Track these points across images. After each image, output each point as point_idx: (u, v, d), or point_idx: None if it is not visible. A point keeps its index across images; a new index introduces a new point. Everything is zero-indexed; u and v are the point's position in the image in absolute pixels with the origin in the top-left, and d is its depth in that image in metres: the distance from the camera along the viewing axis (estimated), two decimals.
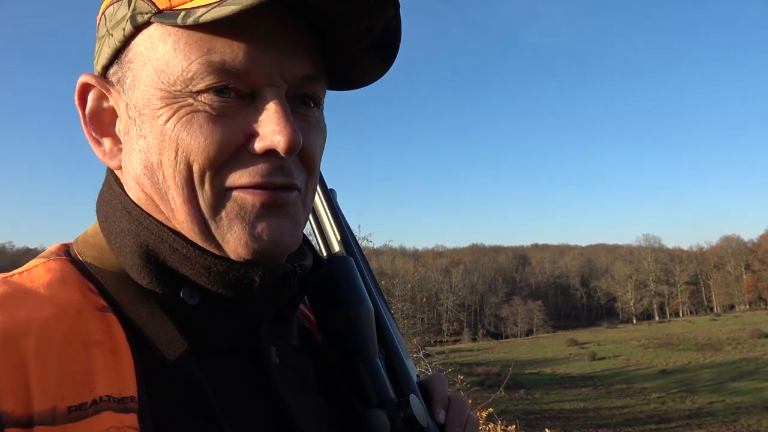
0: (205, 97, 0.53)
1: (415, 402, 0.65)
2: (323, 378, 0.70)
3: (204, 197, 0.55)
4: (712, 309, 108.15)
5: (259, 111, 0.55)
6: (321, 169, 0.76)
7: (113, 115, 0.60)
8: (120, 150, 0.59)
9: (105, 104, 0.60)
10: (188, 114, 0.53)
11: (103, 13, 0.60)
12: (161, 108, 0.54)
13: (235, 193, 0.55)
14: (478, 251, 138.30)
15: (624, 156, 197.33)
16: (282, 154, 0.55)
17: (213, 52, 0.53)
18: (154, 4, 0.54)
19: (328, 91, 0.65)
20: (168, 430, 0.50)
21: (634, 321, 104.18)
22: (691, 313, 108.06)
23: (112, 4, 0.58)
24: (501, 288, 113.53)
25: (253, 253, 0.56)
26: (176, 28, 0.53)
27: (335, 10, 0.56)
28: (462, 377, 11.38)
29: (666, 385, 38.41)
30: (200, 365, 0.55)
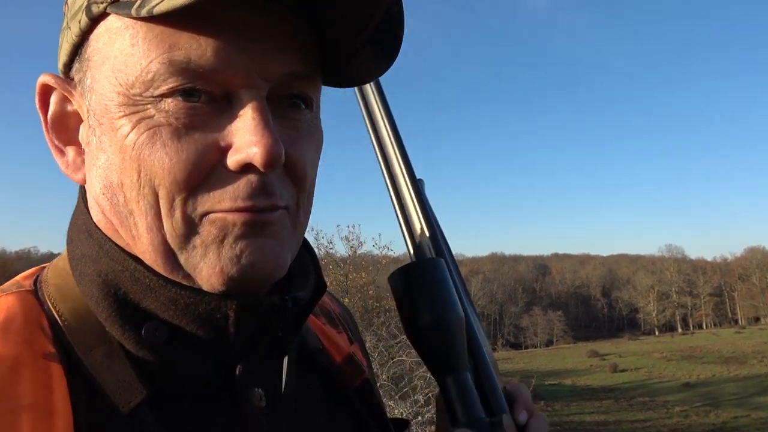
0: (169, 103, 0.45)
1: (508, 423, 0.62)
2: (339, 408, 0.64)
3: (173, 225, 0.47)
4: (736, 321, 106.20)
5: (234, 118, 0.47)
6: (410, 157, 0.74)
7: (79, 120, 0.52)
8: (83, 162, 0.52)
9: (69, 108, 0.52)
10: (150, 128, 0.46)
11: (66, 1, 0.52)
12: (120, 117, 0.47)
13: (212, 216, 0.47)
14: (497, 260, 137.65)
15: (646, 165, 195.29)
16: (260, 168, 0.46)
17: (176, 48, 0.45)
18: None
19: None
20: None
21: (657, 333, 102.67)
22: (714, 325, 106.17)
23: None
24: (521, 298, 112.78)
25: (228, 281, 0.48)
26: (134, 20, 0.46)
27: None
28: None
29: (689, 399, 37.82)
30: (162, 414, 0.48)
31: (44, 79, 0.52)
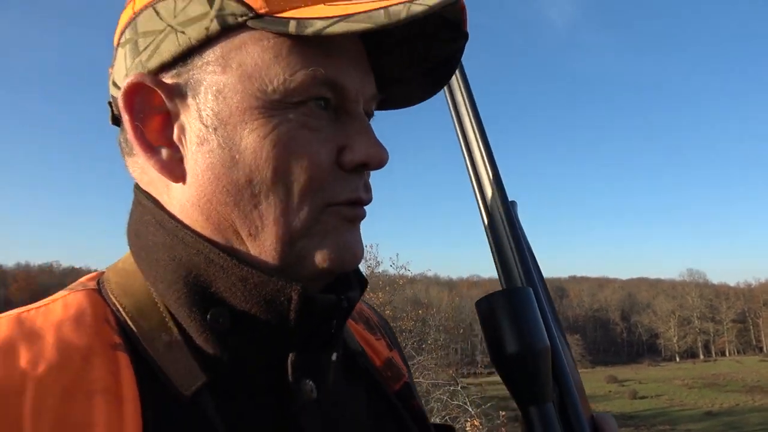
0: (305, 109, 0.52)
1: None
2: (381, 411, 0.66)
3: (300, 217, 0.52)
4: (761, 349, 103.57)
5: (345, 126, 0.54)
6: (502, 178, 0.76)
7: (166, 121, 0.54)
8: (180, 160, 0.54)
9: (159, 109, 0.54)
10: (289, 129, 0.51)
11: (152, 6, 0.54)
12: (256, 119, 0.51)
13: (331, 209, 0.54)
14: None
15: (667, 187, 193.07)
16: (376, 168, 0.55)
17: (317, 64, 0.51)
18: (249, 6, 0.51)
19: None
20: None
21: (678, 359, 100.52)
22: (738, 352, 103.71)
23: None
24: None
25: (336, 264, 0.54)
26: (276, 36, 0.51)
27: (414, 37, 0.58)
28: (504, 413, 11.14)
29: (712, 428, 36.86)
30: (220, 400, 0.52)
31: (138, 79, 0.53)
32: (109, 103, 0.60)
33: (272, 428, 0.54)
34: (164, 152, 0.54)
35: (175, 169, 0.54)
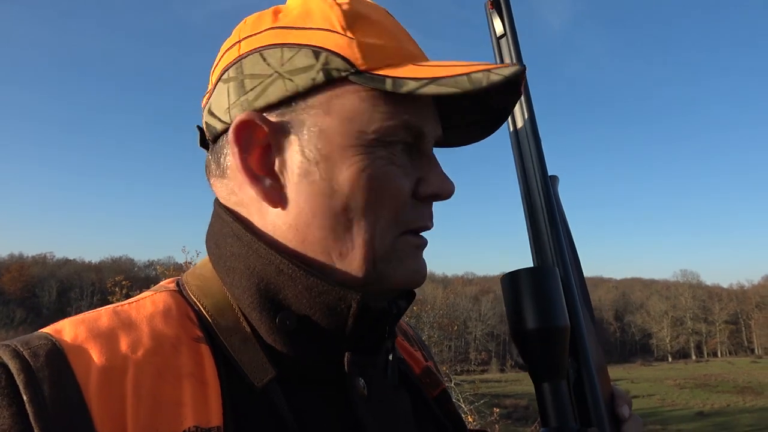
0: (392, 149, 0.59)
1: None
2: (421, 413, 0.71)
3: (383, 242, 0.59)
4: (752, 350, 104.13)
5: (420, 162, 0.62)
6: (544, 152, 0.78)
7: (265, 153, 0.60)
8: (280, 188, 0.60)
9: (261, 142, 0.60)
10: (382, 165, 0.58)
11: (259, 52, 0.61)
12: (354, 155, 0.58)
13: (406, 237, 0.61)
14: None
15: (663, 188, 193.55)
16: (446, 198, 0.63)
17: (406, 114, 0.59)
18: (351, 63, 0.57)
19: None
20: None
21: (670, 359, 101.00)
22: (730, 353, 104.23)
23: (276, 47, 0.60)
24: None
25: (409, 285, 0.62)
26: (372, 89, 0.58)
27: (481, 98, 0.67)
28: (497, 410, 11.10)
29: (703, 429, 37.01)
30: (286, 393, 0.58)
31: (250, 116, 0.59)
32: (199, 128, 0.67)
33: (333, 418, 0.60)
34: (267, 181, 0.60)
35: (275, 197, 0.60)
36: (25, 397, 0.47)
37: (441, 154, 0.66)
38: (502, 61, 0.81)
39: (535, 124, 0.79)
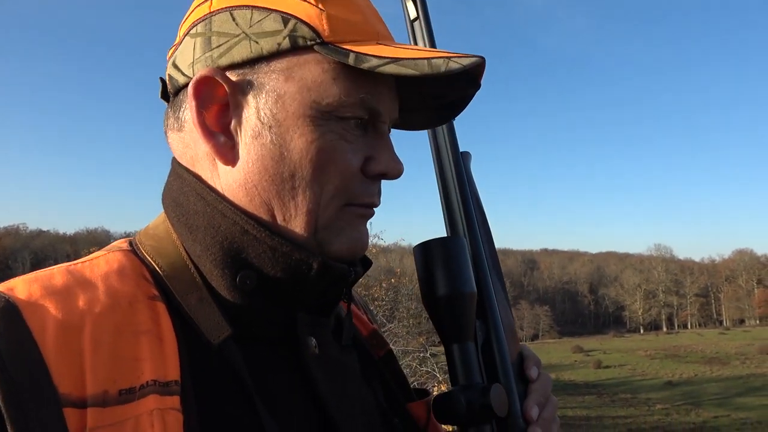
0: (348, 124, 0.60)
1: (497, 391, 0.67)
2: (368, 373, 0.73)
3: (327, 212, 0.61)
4: (721, 322, 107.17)
5: (372, 140, 0.63)
6: (456, 130, 0.81)
7: (222, 111, 0.61)
8: (232, 147, 0.61)
9: (220, 100, 0.61)
10: (333, 139, 0.59)
11: (229, 10, 0.61)
12: (307, 126, 0.59)
13: (351, 208, 0.63)
14: None
15: (638, 164, 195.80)
16: (393, 178, 0.65)
17: (364, 91, 0.60)
18: (318, 33, 0.58)
19: None
20: (208, 410, 0.54)
21: (642, 331, 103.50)
22: (699, 325, 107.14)
23: (247, 8, 0.61)
24: (508, 291, 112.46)
25: (348, 253, 0.64)
26: (335, 61, 0.59)
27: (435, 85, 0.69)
28: None
29: (671, 397, 38.15)
30: (242, 350, 0.59)
31: (211, 73, 0.60)
32: (162, 80, 0.67)
33: (285, 376, 0.62)
34: (221, 138, 0.61)
35: (227, 154, 0.61)
36: None
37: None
38: (415, 43, 0.82)
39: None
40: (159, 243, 0.63)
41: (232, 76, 0.60)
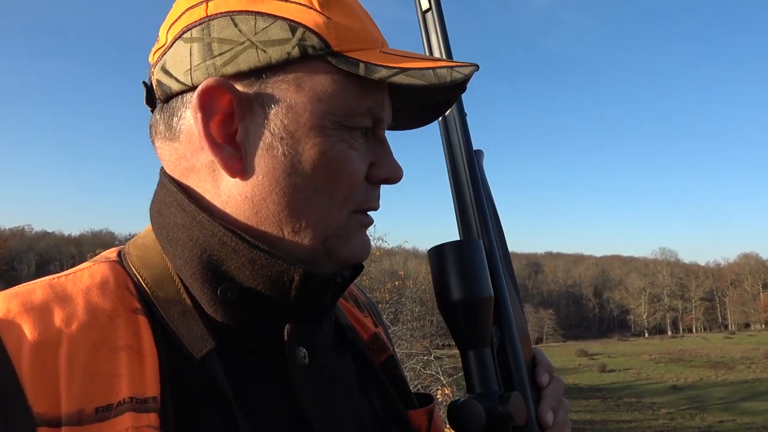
0: (352, 133, 0.60)
1: (517, 399, 0.66)
2: (365, 381, 0.72)
3: (336, 220, 0.61)
4: (726, 327, 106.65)
5: (374, 146, 0.64)
6: (469, 127, 0.80)
7: (227, 121, 0.59)
8: (240, 159, 0.59)
9: (226, 110, 0.59)
10: (342, 149, 0.59)
11: (230, 15, 0.58)
12: (318, 136, 0.58)
13: (357, 216, 0.63)
14: None
15: (643, 167, 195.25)
16: (394, 183, 0.66)
17: (371, 100, 0.60)
18: (327, 43, 0.57)
19: None
20: (188, 426, 0.53)
21: (646, 335, 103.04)
22: (704, 329, 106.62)
23: (249, 14, 0.58)
24: None
25: (355, 260, 0.64)
26: (344, 71, 0.58)
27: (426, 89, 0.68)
28: None
29: (676, 402, 37.94)
30: (226, 363, 0.58)
31: (217, 83, 0.57)
32: (145, 84, 0.64)
33: (269, 387, 0.60)
34: (228, 149, 0.59)
35: (234, 166, 0.59)
36: None
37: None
38: (427, 35, 0.82)
39: (460, 100, 0.79)
40: (145, 254, 0.62)
41: (239, 85, 0.58)
